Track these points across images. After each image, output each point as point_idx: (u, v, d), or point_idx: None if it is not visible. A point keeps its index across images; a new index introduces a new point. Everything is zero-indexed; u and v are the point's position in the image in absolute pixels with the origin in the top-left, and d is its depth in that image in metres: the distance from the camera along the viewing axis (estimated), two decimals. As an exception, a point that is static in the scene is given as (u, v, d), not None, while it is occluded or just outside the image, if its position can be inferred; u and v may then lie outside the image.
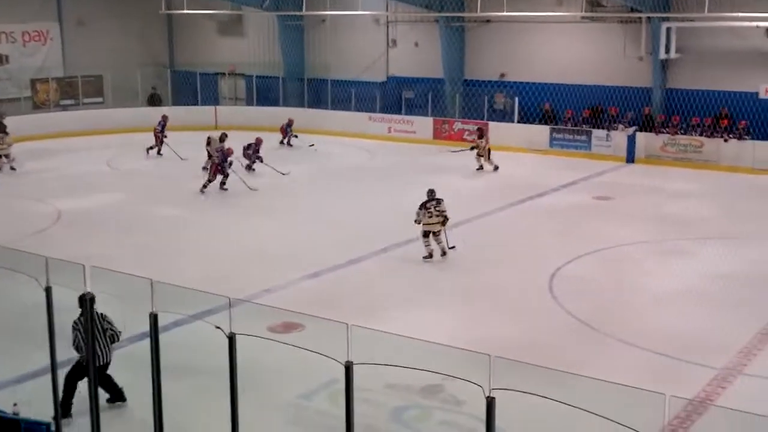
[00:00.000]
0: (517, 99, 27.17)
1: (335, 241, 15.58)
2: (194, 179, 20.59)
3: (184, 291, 7.83)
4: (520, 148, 25.46)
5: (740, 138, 23.33)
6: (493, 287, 13.05)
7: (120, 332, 8.94)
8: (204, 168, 21.30)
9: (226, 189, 20.10)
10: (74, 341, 8.70)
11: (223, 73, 33.64)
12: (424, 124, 28.24)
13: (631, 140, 24.42)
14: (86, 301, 7.43)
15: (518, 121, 26.74)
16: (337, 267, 13.97)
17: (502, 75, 28.54)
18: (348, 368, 6.29)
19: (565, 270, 13.85)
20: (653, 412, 5.74)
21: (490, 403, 5.82)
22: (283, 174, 21.46)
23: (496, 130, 26.17)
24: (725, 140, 23.23)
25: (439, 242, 14.30)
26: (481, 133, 23.57)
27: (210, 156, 21.19)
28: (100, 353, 8.60)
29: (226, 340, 6.53)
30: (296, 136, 26.51)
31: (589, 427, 5.88)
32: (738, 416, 7.54)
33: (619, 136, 24.62)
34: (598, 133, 25.25)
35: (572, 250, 14.83)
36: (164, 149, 24.67)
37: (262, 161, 21.89)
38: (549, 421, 7.90)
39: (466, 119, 28.03)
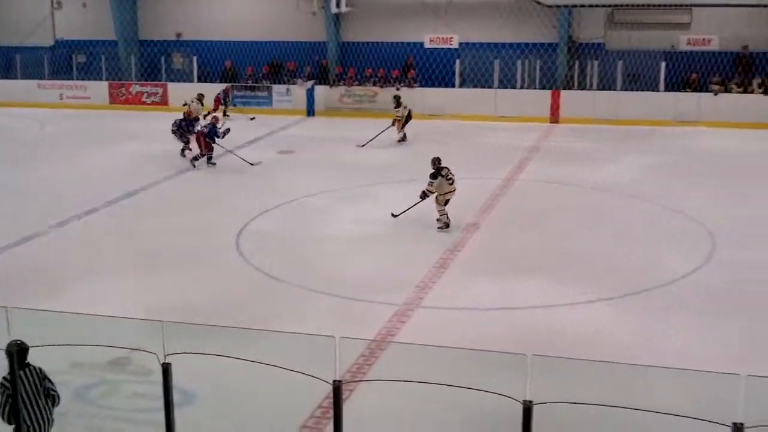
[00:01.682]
0: (195, 58, 26.67)
1: (5, 214, 14.46)
2: None
3: None
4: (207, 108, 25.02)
5: (410, 86, 24.70)
6: (180, 252, 12.71)
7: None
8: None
9: (214, 164, 18.30)
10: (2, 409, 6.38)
11: None
12: (98, 88, 26.88)
13: (310, 94, 24.96)
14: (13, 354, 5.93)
15: (198, 81, 26.26)
16: (11, 245, 12.91)
17: (179, 35, 27.85)
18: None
19: (252, 226, 13.87)
20: (329, 356, 5.88)
21: (166, 369, 5.71)
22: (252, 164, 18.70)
23: (175, 90, 25.56)
24: (397, 89, 24.43)
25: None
26: (399, 101, 21.22)
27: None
28: (40, 423, 6.46)
29: None
30: None
31: (273, 379, 5.92)
32: (414, 348, 8.00)
33: (299, 91, 25.03)
34: (278, 89, 25.51)
35: (258, 206, 14.87)
36: None
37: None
38: (236, 379, 7.86)
39: (144, 82, 27.10)
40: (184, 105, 21.01)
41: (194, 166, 18.12)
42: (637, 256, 12.25)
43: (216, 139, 18.09)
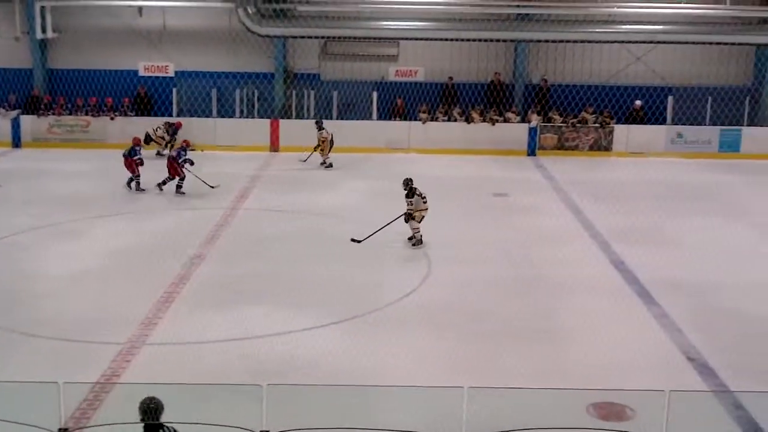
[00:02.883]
0: None
1: None
2: None
3: None
4: None
5: (125, 115, 23.88)
6: None
7: None
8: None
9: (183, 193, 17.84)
10: None
11: None
12: None
13: (16, 124, 23.32)
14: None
15: None
16: None
17: None
18: None
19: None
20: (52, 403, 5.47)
21: None
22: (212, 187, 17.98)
23: None
24: (112, 118, 23.50)
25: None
26: (320, 125, 21.20)
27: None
28: None
29: None
30: None
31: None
32: (142, 388, 7.63)
33: (2, 122, 23.30)
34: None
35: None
36: None
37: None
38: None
39: None
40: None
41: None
42: (362, 278, 12.60)
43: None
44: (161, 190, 18.11)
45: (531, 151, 24.06)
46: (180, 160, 17.95)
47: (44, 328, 10.35)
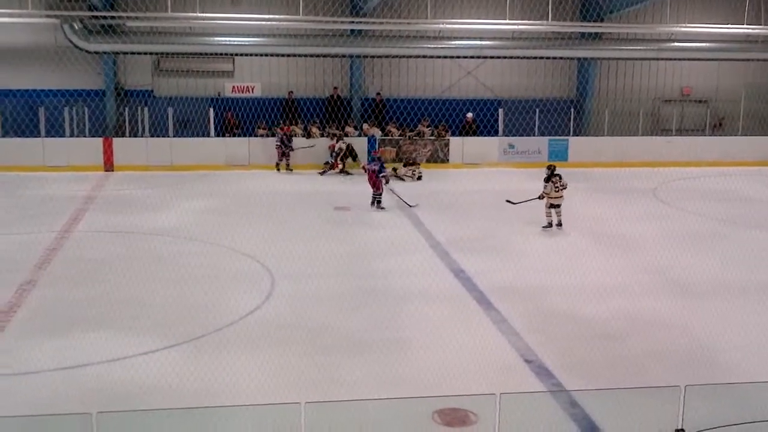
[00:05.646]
0: None
1: None
2: None
3: None
4: None
5: None
6: None
7: None
8: None
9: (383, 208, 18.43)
10: None
11: None
12: None
13: None
14: None
15: None
16: None
17: None
18: None
19: None
20: None
21: None
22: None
23: None
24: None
25: (558, 214, 16.39)
26: (338, 136, 19.95)
27: None
28: None
29: None
30: None
31: None
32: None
33: None
34: None
35: None
36: None
37: None
38: None
39: None
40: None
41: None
42: (204, 298, 12.32)
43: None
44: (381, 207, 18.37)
45: (370, 165, 24.37)
46: (380, 175, 18.01)
47: None
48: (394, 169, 21.98)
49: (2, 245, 15.33)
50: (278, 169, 23.48)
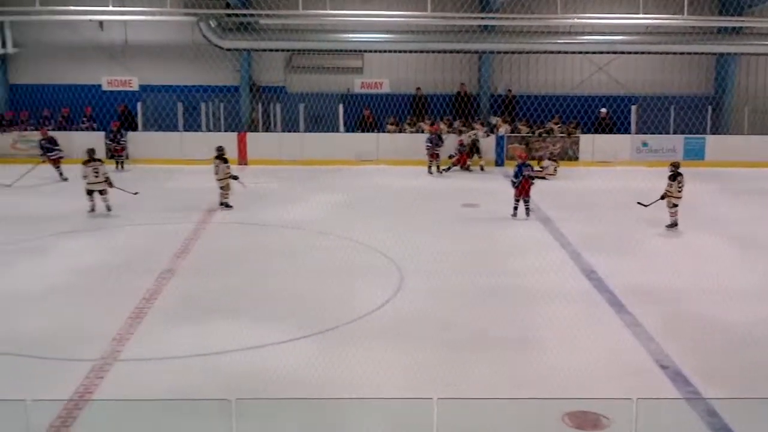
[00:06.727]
0: None
1: None
2: None
3: None
4: None
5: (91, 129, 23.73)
6: None
7: None
8: None
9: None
10: None
11: None
12: None
13: (-23, 140, 23.05)
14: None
15: None
16: None
17: None
18: None
19: None
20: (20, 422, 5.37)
21: None
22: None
23: None
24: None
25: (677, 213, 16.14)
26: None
27: None
28: None
29: None
30: None
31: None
32: (116, 404, 7.55)
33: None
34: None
35: None
36: None
37: None
38: None
39: None
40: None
41: None
42: (334, 290, 12.54)
43: None
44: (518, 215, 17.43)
45: (500, 161, 24.21)
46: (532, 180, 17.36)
47: (11, 346, 10.18)
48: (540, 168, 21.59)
49: (145, 235, 16.03)
50: (430, 172, 22.92)
